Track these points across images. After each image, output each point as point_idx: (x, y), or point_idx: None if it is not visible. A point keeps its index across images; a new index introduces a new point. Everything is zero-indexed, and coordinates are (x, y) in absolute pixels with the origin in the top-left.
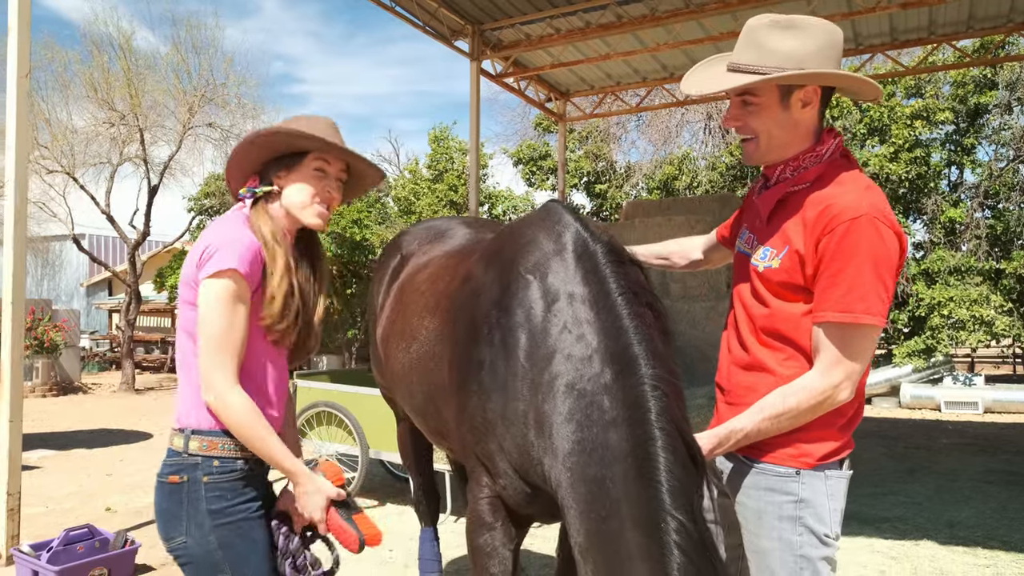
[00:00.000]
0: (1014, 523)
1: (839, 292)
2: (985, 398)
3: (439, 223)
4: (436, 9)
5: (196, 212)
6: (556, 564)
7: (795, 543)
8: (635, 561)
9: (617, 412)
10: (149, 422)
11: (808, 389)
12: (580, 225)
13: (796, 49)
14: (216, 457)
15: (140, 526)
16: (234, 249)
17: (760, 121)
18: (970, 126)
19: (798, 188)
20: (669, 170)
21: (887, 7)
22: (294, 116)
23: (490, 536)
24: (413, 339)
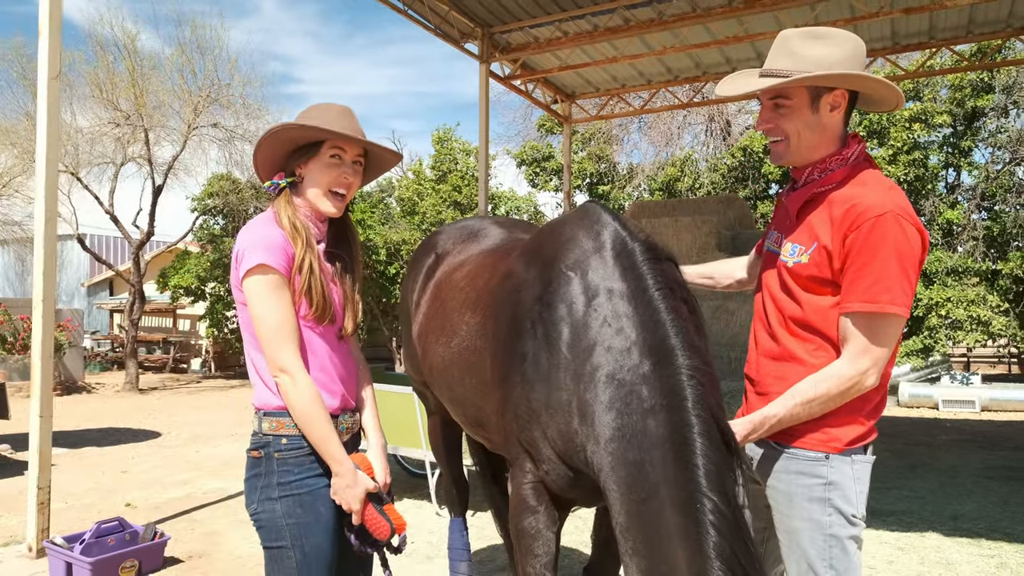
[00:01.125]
0: (1016, 516)
1: (865, 284)
2: (982, 397)
3: (472, 223)
4: (447, 12)
5: (200, 212)
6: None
7: (824, 523)
8: (673, 539)
9: (655, 400)
10: (156, 421)
11: (838, 376)
12: (618, 224)
13: (826, 56)
14: (284, 435)
15: (163, 520)
16: (261, 245)
17: (791, 123)
18: (967, 129)
19: (825, 188)
20: (671, 171)
21: (889, 12)
22: (310, 105)
23: (534, 519)
24: (454, 334)
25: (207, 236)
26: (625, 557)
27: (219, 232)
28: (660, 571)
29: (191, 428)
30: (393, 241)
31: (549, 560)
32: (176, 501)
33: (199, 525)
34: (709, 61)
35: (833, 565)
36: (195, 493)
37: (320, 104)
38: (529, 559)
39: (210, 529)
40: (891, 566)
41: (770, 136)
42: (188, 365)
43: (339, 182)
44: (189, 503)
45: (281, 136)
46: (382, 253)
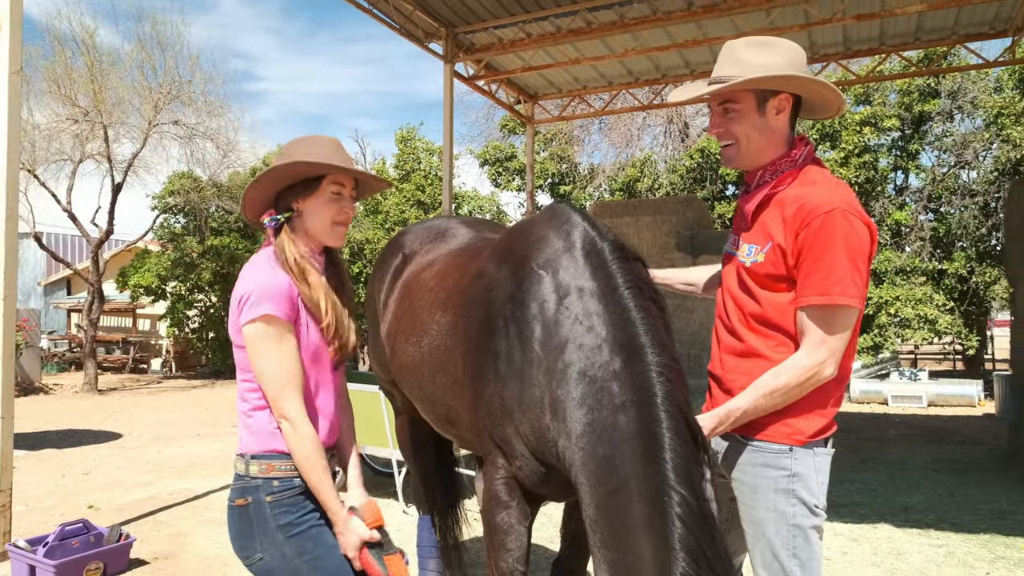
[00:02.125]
0: (962, 507)
1: (818, 278)
2: (929, 392)
3: (439, 223)
4: (411, 12)
5: (160, 211)
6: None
7: (788, 513)
8: (639, 531)
9: (626, 396)
10: (117, 422)
11: (797, 367)
12: (587, 224)
13: (770, 62)
14: (275, 477)
15: (128, 522)
16: (266, 294)
17: (740, 126)
18: (915, 133)
19: (777, 189)
20: (631, 172)
21: (842, 19)
22: (296, 139)
23: (507, 514)
24: (424, 333)
25: (168, 235)
26: (594, 549)
27: (180, 231)
28: (627, 563)
29: (153, 429)
30: (356, 240)
31: (521, 554)
32: (140, 502)
33: (164, 526)
34: (668, 64)
35: (796, 554)
36: (160, 494)
37: (309, 137)
38: (501, 553)
39: (176, 530)
40: (845, 556)
41: (721, 140)
42: (148, 365)
43: (342, 215)
44: (154, 504)
45: (282, 172)
46: (345, 252)
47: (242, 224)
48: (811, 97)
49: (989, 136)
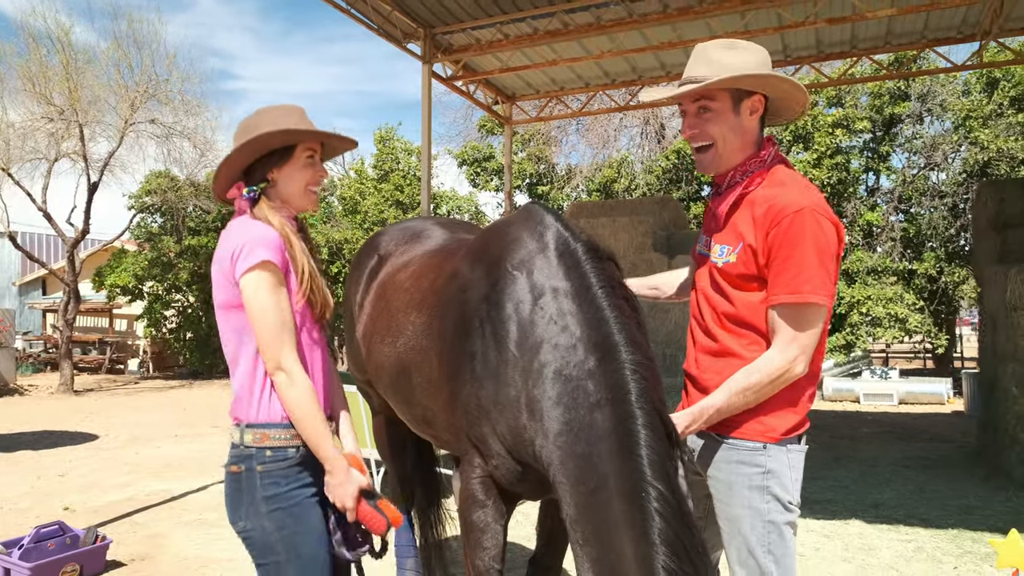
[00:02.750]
0: (931, 503)
1: (788, 276)
2: (899, 390)
3: (414, 224)
4: (389, 12)
5: (137, 210)
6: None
7: (763, 510)
8: (620, 528)
9: (601, 395)
10: (93, 423)
11: (768, 365)
12: (561, 225)
13: (744, 61)
14: (268, 448)
15: (104, 524)
16: (264, 242)
17: (716, 126)
18: (885, 135)
19: (748, 190)
20: (608, 173)
21: (815, 22)
22: (259, 110)
23: (483, 512)
24: (399, 334)
25: (145, 234)
26: (575, 547)
27: (157, 230)
28: (609, 560)
29: (130, 430)
30: (335, 240)
31: (497, 553)
32: (117, 504)
33: (141, 528)
34: (645, 65)
35: (771, 550)
36: (137, 495)
37: (272, 107)
38: (478, 552)
39: (153, 531)
40: (818, 552)
41: (696, 142)
42: (125, 366)
43: (316, 179)
44: (131, 506)
45: (259, 144)
46: (324, 252)
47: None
48: (779, 98)
49: (957, 138)
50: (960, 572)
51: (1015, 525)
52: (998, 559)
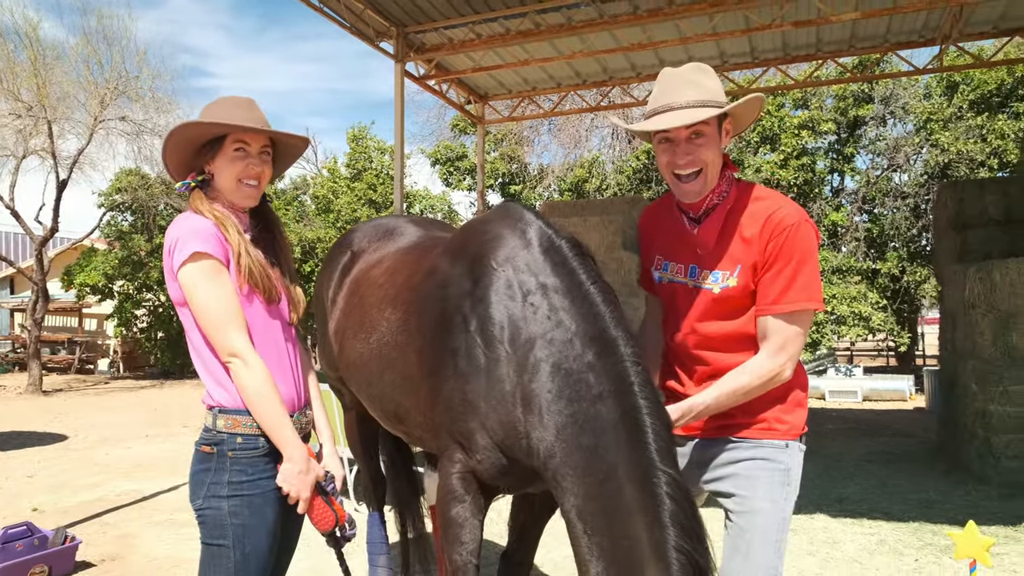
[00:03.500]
0: (893, 496)
1: (781, 285)
2: (863, 387)
3: (387, 221)
4: (362, 11)
5: (107, 208)
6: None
7: (782, 506)
8: (634, 514)
9: (603, 387)
10: (62, 424)
11: (759, 370)
12: (542, 222)
13: (718, 87)
14: (240, 434)
15: (73, 524)
16: (196, 234)
17: (708, 152)
18: (850, 136)
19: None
20: (580, 173)
21: (781, 25)
22: (216, 99)
23: (462, 508)
24: (373, 330)
25: (115, 233)
26: (582, 539)
27: (128, 229)
28: (624, 547)
29: (100, 430)
30: (308, 239)
31: (475, 548)
32: (87, 504)
33: (111, 528)
34: (615, 66)
35: (779, 546)
36: (107, 496)
37: (222, 98)
38: (456, 547)
39: (123, 532)
40: None
41: (688, 169)
42: (95, 366)
43: (247, 173)
44: (101, 506)
45: (182, 135)
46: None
47: None
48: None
49: (919, 140)
50: (921, 564)
51: (973, 517)
52: (956, 550)
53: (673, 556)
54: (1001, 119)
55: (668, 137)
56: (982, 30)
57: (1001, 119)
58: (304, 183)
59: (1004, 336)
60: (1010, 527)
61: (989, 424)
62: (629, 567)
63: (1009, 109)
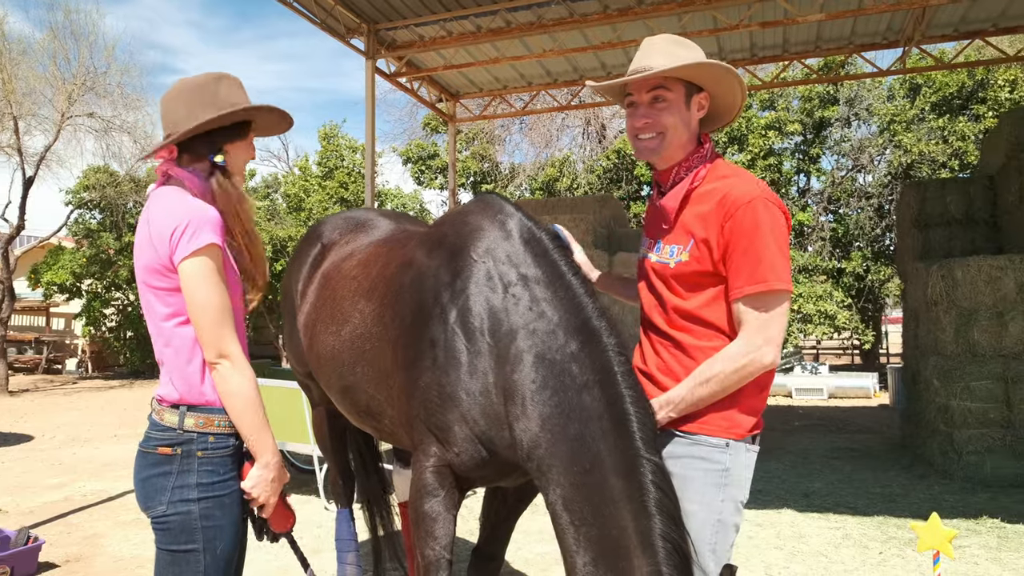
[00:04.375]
0: (858, 491)
1: (750, 267)
2: (829, 385)
3: (358, 214)
4: (333, 7)
5: (75, 206)
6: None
7: (717, 508)
8: (620, 504)
9: (587, 377)
10: (28, 424)
11: (732, 355)
12: (522, 214)
13: (696, 56)
14: (212, 433)
15: (37, 525)
16: (209, 224)
17: (670, 116)
18: (816, 137)
19: (695, 186)
20: (551, 172)
21: (748, 25)
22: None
23: (436, 502)
24: (345, 322)
25: (83, 231)
26: (568, 529)
27: (96, 227)
28: (612, 536)
29: (67, 430)
30: (279, 238)
31: (448, 542)
32: (52, 505)
33: (77, 529)
34: (586, 65)
35: (715, 549)
36: (73, 496)
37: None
38: (429, 541)
39: (89, 532)
40: (751, 541)
41: (646, 132)
42: (63, 366)
43: (253, 157)
44: (67, 506)
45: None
46: (268, 250)
47: None
48: (720, 97)
49: (883, 142)
50: (885, 557)
51: (936, 510)
52: (919, 543)
53: (660, 544)
54: (962, 121)
55: (632, 102)
56: (944, 32)
57: (962, 121)
58: (275, 181)
59: (965, 333)
60: (972, 519)
61: (951, 419)
62: (616, 556)
63: (969, 111)
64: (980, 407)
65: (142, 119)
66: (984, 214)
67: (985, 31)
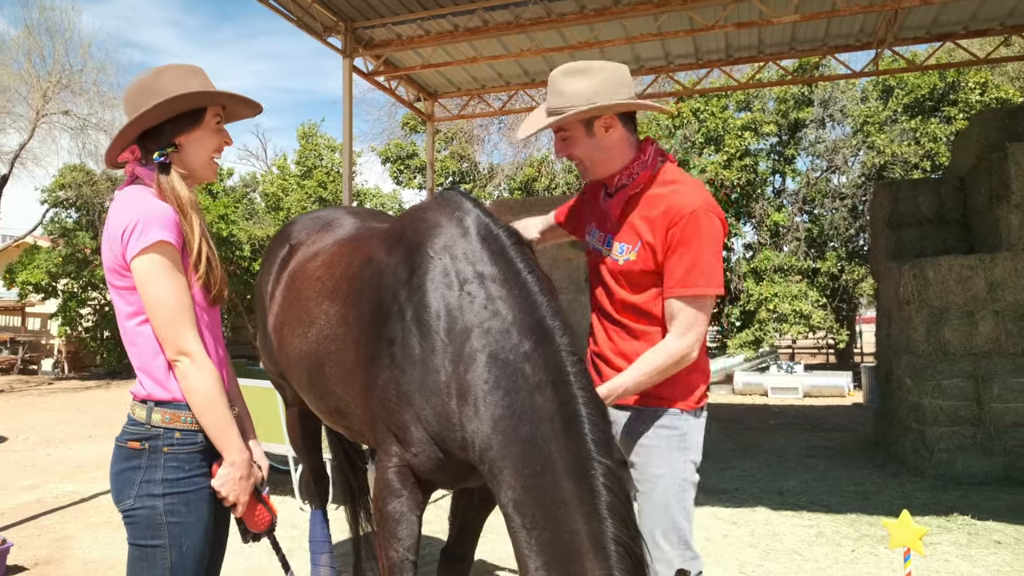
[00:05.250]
0: (832, 489)
1: (683, 270)
2: (804, 384)
3: (325, 213)
4: (310, 5)
5: (51, 205)
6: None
7: (681, 469)
8: (571, 506)
9: (540, 377)
10: (2, 425)
11: (669, 350)
12: (480, 211)
13: (583, 89)
14: (178, 429)
15: (7, 527)
16: (159, 219)
17: (577, 148)
18: (791, 138)
19: (637, 190)
20: (529, 172)
21: (724, 26)
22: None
23: (399, 503)
24: (311, 323)
25: (59, 230)
26: (520, 533)
27: (72, 226)
28: (564, 540)
29: (41, 431)
30: (257, 237)
31: (412, 543)
32: (23, 507)
33: (47, 531)
34: (561, 63)
35: (685, 507)
36: (44, 498)
37: (173, 66)
38: (392, 543)
39: (60, 534)
40: (726, 539)
41: (566, 159)
42: (39, 366)
43: (221, 146)
44: (38, 508)
45: (174, 105)
46: (246, 249)
47: None
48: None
49: (856, 143)
50: (858, 554)
51: (907, 508)
52: (890, 540)
53: (612, 548)
54: (933, 123)
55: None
56: (916, 35)
57: (933, 123)
58: (254, 180)
59: (936, 331)
60: (943, 517)
61: (923, 417)
62: (568, 559)
63: (941, 113)
64: (951, 405)
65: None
66: (955, 214)
67: (956, 34)
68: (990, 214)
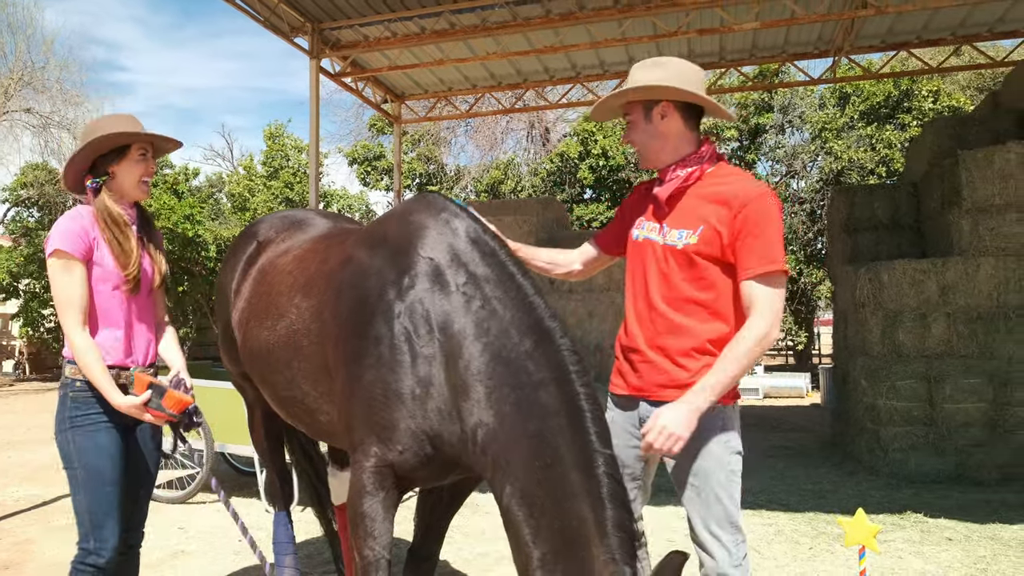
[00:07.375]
0: (790, 488)
1: (760, 251)
2: (764, 385)
3: (295, 213)
4: (276, 5)
5: (12, 203)
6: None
7: (726, 461)
8: (579, 496)
9: (543, 375)
10: None
11: (757, 332)
12: (466, 214)
13: (652, 78)
14: (78, 380)
15: None
16: (60, 233)
17: (635, 134)
18: (751, 144)
19: (691, 183)
20: (495, 174)
21: (686, 32)
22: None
23: (375, 503)
24: (280, 317)
25: (20, 229)
26: (528, 522)
27: (34, 225)
28: (572, 527)
29: (1, 434)
30: (223, 238)
31: (387, 542)
32: None
33: (8, 534)
34: (529, 69)
35: (732, 495)
36: (4, 501)
37: (109, 116)
38: (368, 542)
39: (21, 538)
40: (687, 537)
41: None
42: None
43: (148, 173)
44: None
45: (100, 144)
46: (212, 250)
47: None
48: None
49: (815, 148)
50: (815, 551)
51: (862, 506)
52: (846, 538)
53: (615, 533)
54: (889, 129)
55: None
56: (871, 43)
57: (889, 129)
58: (220, 181)
59: (891, 334)
60: (896, 515)
61: (878, 418)
62: (574, 546)
63: (896, 120)
64: (905, 406)
65: (82, 115)
66: (909, 219)
67: (910, 43)
68: (942, 219)
